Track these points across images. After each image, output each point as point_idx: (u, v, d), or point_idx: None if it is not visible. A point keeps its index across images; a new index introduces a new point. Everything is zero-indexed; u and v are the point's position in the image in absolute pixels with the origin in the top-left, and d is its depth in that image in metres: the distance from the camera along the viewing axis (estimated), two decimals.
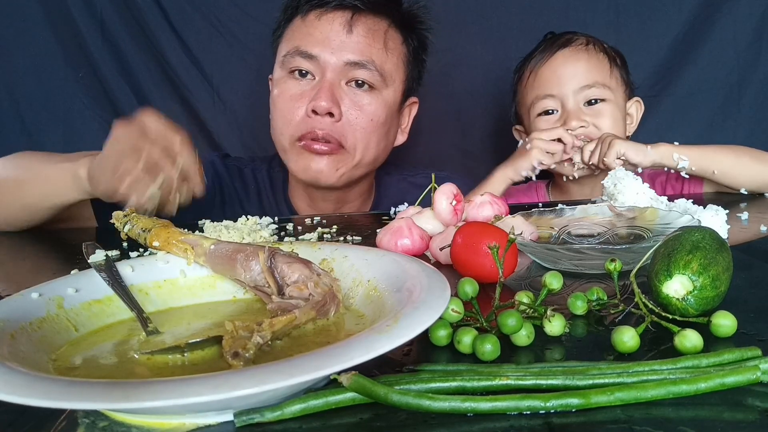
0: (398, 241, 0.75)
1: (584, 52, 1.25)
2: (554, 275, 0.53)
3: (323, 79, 1.05)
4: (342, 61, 1.05)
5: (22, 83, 1.48)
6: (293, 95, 1.08)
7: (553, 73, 1.25)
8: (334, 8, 1.06)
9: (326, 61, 1.05)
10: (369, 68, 1.06)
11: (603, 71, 1.24)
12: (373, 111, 1.08)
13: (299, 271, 0.53)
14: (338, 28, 1.05)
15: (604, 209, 0.79)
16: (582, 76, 1.23)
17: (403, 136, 1.21)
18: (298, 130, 1.07)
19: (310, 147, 1.07)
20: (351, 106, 1.06)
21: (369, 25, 1.07)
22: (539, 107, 1.27)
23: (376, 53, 1.07)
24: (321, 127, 1.05)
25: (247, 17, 1.51)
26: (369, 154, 1.11)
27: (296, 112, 1.07)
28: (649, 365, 0.42)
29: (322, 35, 1.06)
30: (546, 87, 1.26)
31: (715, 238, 0.53)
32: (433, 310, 0.43)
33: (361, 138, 1.08)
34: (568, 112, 1.23)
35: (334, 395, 0.39)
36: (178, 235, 0.63)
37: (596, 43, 1.27)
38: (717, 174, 1.10)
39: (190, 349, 0.45)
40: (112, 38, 1.48)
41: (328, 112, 1.04)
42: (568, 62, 1.25)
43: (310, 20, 1.07)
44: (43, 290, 0.52)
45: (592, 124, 1.22)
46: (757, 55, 1.55)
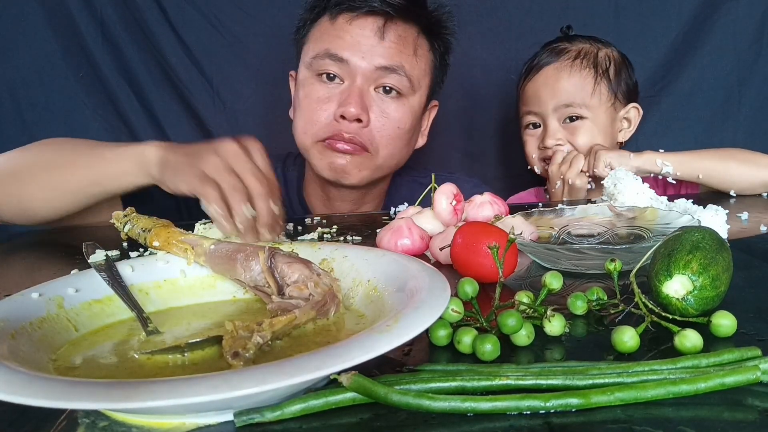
0: (398, 241, 0.75)
1: (567, 71, 1.28)
2: (554, 275, 0.53)
3: (353, 85, 1.06)
4: (373, 65, 1.05)
5: (23, 83, 1.48)
6: (320, 98, 1.07)
7: (535, 91, 1.31)
8: (366, 13, 1.06)
9: (357, 66, 1.05)
10: (399, 74, 1.06)
11: (584, 90, 1.27)
12: (399, 118, 1.09)
13: (299, 271, 0.53)
14: (369, 33, 1.05)
15: (604, 209, 0.79)
16: (560, 96, 1.28)
17: (422, 138, 1.22)
18: (323, 132, 1.07)
19: (334, 146, 1.07)
20: (379, 113, 1.07)
21: (399, 32, 1.07)
22: (525, 121, 1.35)
23: (406, 59, 1.07)
24: (348, 130, 1.06)
25: (247, 17, 1.51)
26: (394, 159, 1.13)
27: (322, 114, 1.07)
28: (649, 365, 0.42)
29: (353, 39, 1.05)
30: (529, 103, 1.32)
31: (715, 238, 0.53)
32: (433, 310, 0.43)
33: (387, 144, 1.09)
34: (546, 128, 1.30)
35: (334, 395, 0.39)
36: (178, 235, 0.63)
37: (587, 56, 1.29)
38: (702, 178, 1.13)
39: (190, 349, 0.45)
40: (112, 38, 1.48)
41: (357, 118, 1.04)
42: (549, 81, 1.29)
43: (341, 24, 1.07)
44: (43, 290, 0.52)
45: (568, 141, 1.28)
46: (757, 55, 1.55)
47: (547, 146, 1.29)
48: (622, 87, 1.31)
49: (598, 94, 1.27)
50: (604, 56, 1.30)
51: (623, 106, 1.32)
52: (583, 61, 1.28)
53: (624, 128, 1.33)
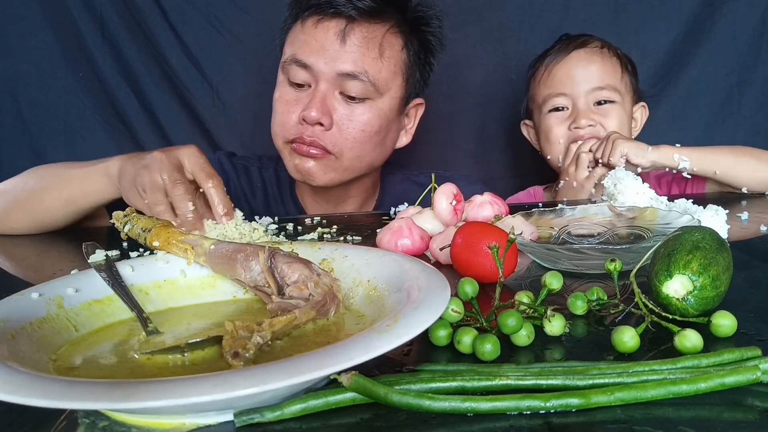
0: (398, 241, 0.75)
1: (599, 55, 1.29)
2: (554, 275, 0.53)
3: (316, 89, 1.06)
4: (335, 71, 1.05)
5: (23, 83, 1.48)
6: (289, 101, 1.09)
7: (567, 72, 1.29)
8: (331, 16, 1.06)
9: (320, 71, 1.05)
10: (361, 79, 1.05)
11: (615, 75, 1.28)
12: (365, 121, 1.08)
13: (299, 271, 0.53)
14: (332, 37, 1.05)
15: (604, 209, 0.79)
16: (595, 78, 1.27)
17: (407, 137, 1.21)
18: (290, 134, 1.09)
19: (299, 149, 1.09)
20: (343, 116, 1.07)
21: (364, 34, 1.06)
22: (551, 104, 1.31)
23: (370, 63, 1.06)
24: (309, 134, 1.07)
25: (247, 17, 1.51)
26: (362, 161, 1.12)
27: (290, 117, 1.09)
28: (649, 365, 0.42)
29: (317, 44, 1.06)
30: (559, 85, 1.30)
31: (715, 238, 0.53)
32: (433, 310, 0.43)
33: (352, 147, 1.09)
34: (578, 110, 1.27)
35: (334, 395, 0.39)
36: (178, 235, 0.63)
37: (610, 47, 1.31)
38: (718, 174, 1.12)
39: (190, 349, 0.45)
40: (112, 38, 1.48)
41: (318, 122, 1.05)
42: (582, 63, 1.28)
43: (308, 27, 1.08)
44: (43, 290, 0.52)
45: (599, 123, 1.26)
46: (757, 55, 1.54)
47: (580, 126, 1.26)
48: (636, 84, 1.32)
49: (625, 83, 1.29)
50: (622, 54, 1.32)
51: (635, 104, 1.33)
52: (609, 51, 1.30)
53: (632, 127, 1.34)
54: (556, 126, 1.30)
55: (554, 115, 1.30)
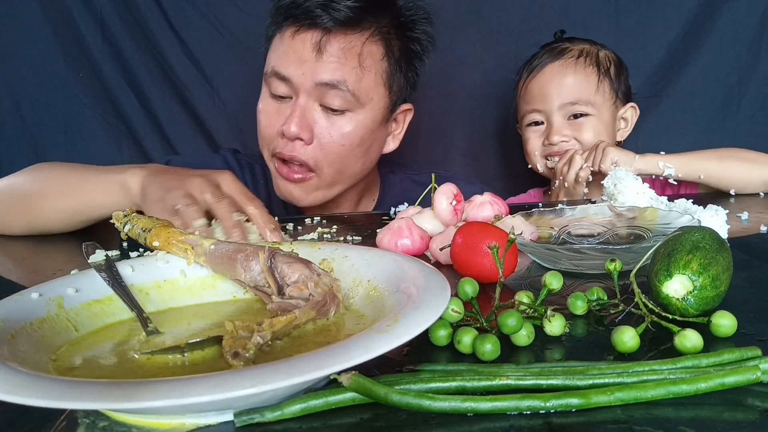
0: (398, 241, 0.75)
1: (571, 68, 1.29)
2: (554, 275, 0.53)
3: (296, 102, 1.04)
4: (313, 82, 1.02)
5: (23, 83, 1.48)
6: (269, 113, 1.08)
7: (540, 88, 1.31)
8: (308, 27, 1.03)
9: (298, 83, 1.03)
10: (341, 88, 1.02)
11: (588, 87, 1.28)
12: (347, 133, 1.05)
13: (299, 271, 0.53)
14: (309, 48, 1.02)
15: (604, 209, 0.79)
16: (566, 94, 1.29)
17: (394, 142, 1.18)
18: (272, 147, 1.08)
19: (281, 171, 1.08)
20: (324, 129, 1.04)
21: (341, 44, 1.03)
22: (528, 119, 1.34)
23: (349, 72, 1.03)
24: (289, 150, 1.05)
25: (247, 17, 1.51)
26: (344, 174, 1.10)
27: (271, 130, 1.07)
28: (649, 365, 0.42)
29: (296, 55, 1.03)
30: (533, 101, 1.33)
31: (715, 238, 0.53)
32: (433, 310, 0.43)
33: (334, 161, 1.07)
34: (551, 126, 1.30)
35: (334, 395, 0.39)
36: (178, 235, 0.63)
37: (589, 55, 1.31)
38: (703, 178, 1.14)
39: (190, 349, 0.45)
40: (112, 38, 1.48)
41: (298, 137, 1.03)
42: (555, 78, 1.30)
43: (286, 38, 1.05)
44: (43, 290, 0.52)
45: (573, 137, 1.29)
46: (757, 55, 1.54)
47: (553, 143, 1.29)
48: (622, 87, 1.32)
49: (601, 92, 1.29)
50: (604, 56, 1.31)
51: (622, 106, 1.33)
52: (586, 60, 1.30)
53: (621, 128, 1.35)
54: (532, 139, 1.34)
55: (531, 129, 1.34)
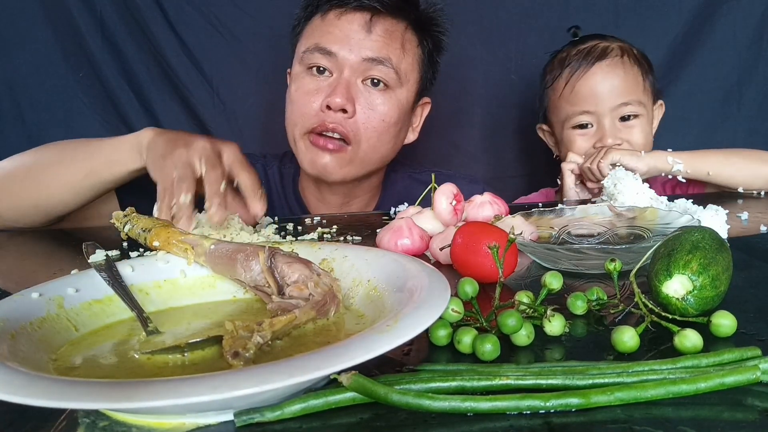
0: (398, 241, 0.75)
1: (621, 67, 1.25)
2: (554, 275, 0.53)
3: (341, 77, 1.08)
4: (360, 57, 1.07)
5: (23, 83, 1.48)
6: (309, 90, 1.10)
7: (591, 89, 1.26)
8: (354, 8, 1.09)
9: (345, 58, 1.07)
10: (386, 65, 1.08)
11: (638, 86, 1.26)
12: (386, 111, 1.10)
13: (299, 271, 0.53)
14: (357, 27, 1.08)
15: (604, 209, 0.79)
16: (619, 94, 1.24)
17: (413, 134, 1.23)
18: (309, 123, 1.09)
19: (317, 143, 1.09)
20: (365, 104, 1.09)
21: (387, 26, 1.09)
22: (575, 121, 1.28)
23: (394, 52, 1.09)
24: (332, 120, 1.07)
25: (247, 17, 1.51)
26: (377, 152, 1.13)
27: (311, 106, 1.09)
28: (649, 365, 0.42)
29: (342, 33, 1.08)
30: (583, 103, 1.26)
31: (715, 238, 0.53)
32: (433, 310, 0.43)
33: (371, 136, 1.10)
34: (604, 129, 1.25)
35: (334, 395, 0.39)
36: (178, 235, 0.63)
37: (630, 52, 1.27)
38: (711, 175, 1.13)
39: (190, 349, 0.45)
40: (112, 38, 1.48)
41: (342, 108, 1.06)
42: (607, 78, 1.25)
43: (330, 19, 1.10)
44: (43, 290, 0.52)
45: (625, 140, 1.25)
46: (757, 55, 1.55)
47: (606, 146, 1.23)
48: (655, 83, 1.30)
49: (646, 91, 1.27)
50: (639, 53, 1.28)
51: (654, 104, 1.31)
52: (630, 58, 1.26)
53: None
54: (579, 142, 1.28)
55: (578, 132, 1.28)
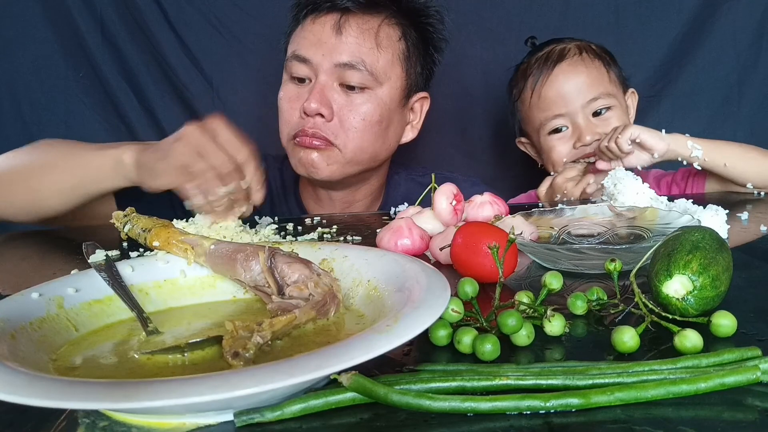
0: (398, 241, 0.75)
1: (581, 64, 1.25)
2: (554, 275, 0.53)
3: (316, 82, 1.08)
4: (332, 63, 1.07)
5: (23, 83, 1.48)
6: (291, 97, 1.11)
7: (557, 92, 1.25)
8: (327, 11, 1.08)
9: (318, 64, 1.07)
10: (359, 68, 1.07)
11: (603, 79, 1.25)
12: (365, 111, 1.09)
13: (299, 271, 0.53)
14: (328, 30, 1.08)
15: (604, 209, 0.79)
16: (586, 90, 1.24)
17: (413, 132, 1.21)
18: (292, 130, 1.11)
19: (302, 142, 1.10)
20: (343, 106, 1.08)
21: (359, 25, 1.08)
22: (549, 126, 1.27)
23: (367, 53, 1.08)
24: (311, 125, 1.08)
25: (247, 17, 1.51)
26: (365, 152, 1.12)
27: (293, 113, 1.10)
28: (649, 365, 0.42)
29: (315, 38, 1.08)
30: (553, 107, 1.26)
31: (715, 238, 0.53)
32: (433, 310, 0.43)
33: (354, 137, 1.09)
34: (579, 128, 1.24)
35: (334, 395, 0.39)
36: (178, 235, 0.63)
37: (587, 49, 1.27)
38: (728, 165, 1.11)
39: (190, 349, 0.45)
40: (112, 38, 1.48)
41: (318, 113, 1.07)
42: (570, 78, 1.24)
43: (307, 24, 1.10)
44: (43, 290, 0.52)
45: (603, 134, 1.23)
46: (757, 55, 1.55)
47: (586, 143, 1.23)
48: (622, 73, 1.30)
49: (613, 81, 1.26)
50: (597, 48, 1.28)
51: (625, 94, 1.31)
52: (589, 54, 1.26)
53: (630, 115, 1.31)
54: (558, 147, 1.27)
55: (555, 137, 1.27)
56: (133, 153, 0.87)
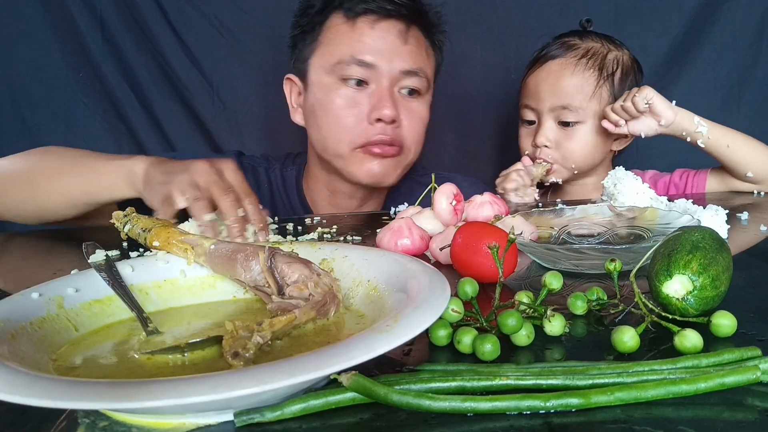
0: (398, 241, 0.75)
1: (571, 69, 1.23)
2: (554, 275, 0.53)
3: (380, 87, 1.08)
4: (398, 69, 1.08)
5: (23, 83, 1.48)
6: (350, 103, 1.09)
7: (536, 85, 1.27)
8: (386, 16, 1.09)
9: (383, 70, 1.08)
10: (419, 75, 1.11)
11: (583, 92, 1.22)
12: (423, 116, 1.14)
13: (299, 271, 0.53)
14: (393, 37, 1.08)
15: (604, 209, 0.79)
16: (558, 96, 1.23)
17: None
18: (359, 138, 1.09)
19: (371, 151, 1.10)
20: (406, 112, 1.11)
21: (416, 35, 1.11)
22: (521, 114, 1.31)
23: (423, 61, 1.12)
24: (386, 133, 1.09)
25: (247, 17, 1.51)
26: (417, 155, 1.18)
27: (355, 119, 1.09)
28: (649, 365, 0.42)
29: (377, 44, 1.08)
30: (528, 97, 1.29)
31: (715, 238, 0.53)
32: (433, 310, 0.43)
33: (417, 141, 1.14)
34: (540, 127, 1.26)
35: (334, 395, 0.39)
36: (178, 235, 0.63)
37: (594, 56, 1.24)
38: (731, 148, 1.13)
39: (190, 349, 0.45)
40: (112, 38, 1.48)
41: (393, 119, 1.08)
42: (550, 78, 1.25)
43: (361, 27, 1.08)
44: (43, 290, 0.52)
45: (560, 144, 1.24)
46: (757, 55, 1.55)
47: (537, 144, 1.25)
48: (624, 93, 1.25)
49: (598, 98, 1.23)
50: (612, 59, 1.25)
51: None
52: (589, 61, 1.23)
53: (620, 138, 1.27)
54: (523, 137, 1.31)
55: (524, 127, 1.31)
56: (144, 165, 0.88)
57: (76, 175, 0.94)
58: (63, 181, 0.95)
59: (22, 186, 0.97)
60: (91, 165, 0.94)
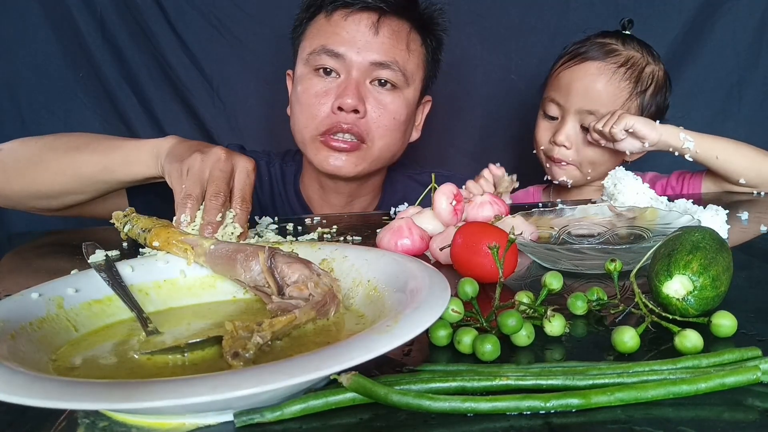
0: (398, 241, 0.75)
1: (608, 75, 1.20)
2: (554, 275, 0.53)
3: (349, 78, 1.08)
4: (367, 60, 1.08)
5: (23, 83, 1.48)
6: (318, 92, 1.10)
7: (569, 81, 1.23)
8: (360, 9, 1.09)
9: (352, 60, 1.08)
10: (393, 68, 1.09)
11: (614, 103, 1.20)
12: (395, 109, 1.11)
13: (299, 271, 0.53)
14: (364, 29, 1.08)
15: (604, 209, 0.79)
16: (591, 100, 1.20)
17: (416, 132, 1.24)
18: (322, 126, 1.09)
19: (329, 143, 1.09)
20: (375, 104, 1.09)
21: (393, 27, 1.10)
22: (545, 107, 1.27)
23: (399, 54, 1.10)
24: (345, 121, 1.08)
25: (247, 17, 1.51)
26: (389, 150, 1.15)
27: (321, 108, 1.09)
28: (649, 365, 0.42)
29: (349, 35, 1.08)
30: (556, 92, 1.24)
31: (715, 238, 0.53)
32: (433, 310, 0.43)
33: (383, 135, 1.11)
34: (563, 125, 1.23)
35: (334, 395, 0.39)
36: (178, 235, 0.63)
37: (633, 67, 1.21)
38: (720, 159, 1.11)
39: (190, 349, 0.45)
40: (112, 38, 1.48)
41: (354, 109, 1.07)
42: (586, 79, 1.21)
43: (336, 20, 1.10)
44: (43, 290, 0.52)
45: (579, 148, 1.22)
46: (757, 55, 1.54)
47: (557, 143, 1.22)
48: (651, 108, 1.24)
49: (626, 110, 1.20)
50: (649, 73, 1.23)
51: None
52: (627, 72, 1.20)
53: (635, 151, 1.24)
54: (542, 130, 1.28)
55: (545, 121, 1.27)
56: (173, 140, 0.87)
57: (94, 151, 0.93)
58: (79, 158, 0.93)
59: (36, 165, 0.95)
60: (113, 143, 0.93)
